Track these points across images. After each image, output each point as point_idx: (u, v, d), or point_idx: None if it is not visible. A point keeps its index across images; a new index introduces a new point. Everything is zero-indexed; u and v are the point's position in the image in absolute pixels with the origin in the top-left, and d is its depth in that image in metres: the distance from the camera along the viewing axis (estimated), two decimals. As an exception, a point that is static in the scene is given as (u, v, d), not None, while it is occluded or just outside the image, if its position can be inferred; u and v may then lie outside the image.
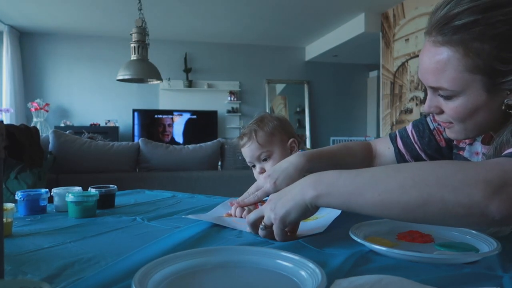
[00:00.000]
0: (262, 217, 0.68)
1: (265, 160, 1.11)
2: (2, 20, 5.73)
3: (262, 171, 1.10)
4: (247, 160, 1.15)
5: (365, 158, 1.01)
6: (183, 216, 0.93)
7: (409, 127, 0.98)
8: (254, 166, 1.14)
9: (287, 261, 0.50)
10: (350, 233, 0.65)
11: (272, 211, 0.66)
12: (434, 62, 0.70)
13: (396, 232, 0.70)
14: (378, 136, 6.19)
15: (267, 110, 7.33)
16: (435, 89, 0.73)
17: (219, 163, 3.08)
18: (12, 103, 5.93)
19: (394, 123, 5.35)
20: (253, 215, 0.70)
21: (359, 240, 0.62)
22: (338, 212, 0.81)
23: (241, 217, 0.87)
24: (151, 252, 0.60)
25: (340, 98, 7.75)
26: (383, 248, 0.58)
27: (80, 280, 0.50)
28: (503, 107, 0.68)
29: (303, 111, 7.59)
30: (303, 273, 0.47)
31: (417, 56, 4.82)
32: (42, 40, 6.45)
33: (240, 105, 7.28)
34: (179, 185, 2.68)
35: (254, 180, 1.40)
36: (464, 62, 0.67)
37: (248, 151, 1.12)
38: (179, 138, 6.86)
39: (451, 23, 0.67)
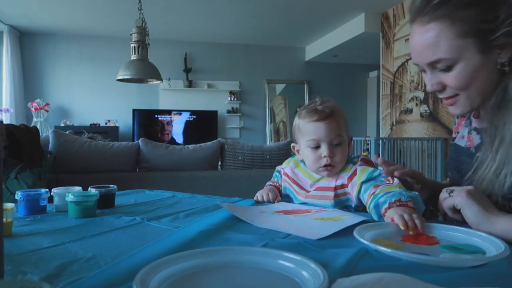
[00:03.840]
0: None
1: (337, 145, 1.02)
2: (2, 20, 5.73)
3: (331, 154, 1.00)
4: (316, 137, 1.01)
5: None
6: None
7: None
8: (317, 147, 1.02)
9: (289, 262, 0.50)
10: (355, 234, 0.64)
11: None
12: (426, 38, 0.76)
13: (401, 234, 0.69)
14: (378, 136, 6.18)
15: (267, 110, 7.33)
16: (433, 65, 0.78)
17: (219, 163, 3.08)
18: (12, 103, 5.92)
19: (394, 123, 5.35)
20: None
21: (365, 242, 0.61)
22: (361, 218, 0.80)
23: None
24: (151, 253, 0.60)
25: (340, 98, 7.72)
26: (389, 250, 0.58)
27: (80, 280, 0.50)
28: (498, 66, 0.75)
29: (303, 111, 7.58)
30: (304, 273, 0.47)
31: (417, 56, 4.82)
32: (42, 40, 6.45)
33: (240, 105, 7.27)
34: (179, 185, 2.68)
35: (255, 179, 1.39)
36: (454, 30, 0.74)
37: (325, 128, 1.00)
38: (179, 137, 6.85)
39: (431, 3, 0.75)
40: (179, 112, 6.83)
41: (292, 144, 1.15)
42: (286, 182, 1.14)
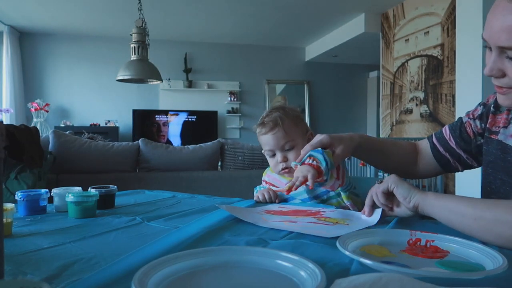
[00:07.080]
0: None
1: (288, 150, 1.09)
2: (2, 20, 5.73)
3: (285, 159, 1.10)
4: (268, 148, 1.11)
5: (411, 152, 1.12)
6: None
7: (444, 127, 1.08)
8: (273, 155, 1.12)
9: (287, 261, 0.50)
10: (337, 244, 0.61)
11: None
12: (510, 20, 0.65)
13: (402, 246, 0.65)
14: (378, 136, 6.18)
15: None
16: (503, 50, 0.69)
17: (219, 163, 3.08)
18: (12, 103, 5.92)
19: (394, 123, 5.35)
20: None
21: (346, 253, 0.57)
22: (371, 222, 0.79)
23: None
24: (151, 252, 0.60)
25: (340, 98, 7.75)
26: (370, 262, 0.54)
27: (80, 280, 0.50)
28: None
29: (303, 111, 7.58)
30: (302, 273, 0.47)
31: (417, 56, 4.82)
32: (42, 40, 6.45)
33: (240, 106, 7.28)
34: (179, 185, 2.68)
35: (255, 180, 1.40)
36: None
37: (273, 138, 1.10)
38: (176, 138, 6.81)
39: None
40: (176, 112, 6.80)
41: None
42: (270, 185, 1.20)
